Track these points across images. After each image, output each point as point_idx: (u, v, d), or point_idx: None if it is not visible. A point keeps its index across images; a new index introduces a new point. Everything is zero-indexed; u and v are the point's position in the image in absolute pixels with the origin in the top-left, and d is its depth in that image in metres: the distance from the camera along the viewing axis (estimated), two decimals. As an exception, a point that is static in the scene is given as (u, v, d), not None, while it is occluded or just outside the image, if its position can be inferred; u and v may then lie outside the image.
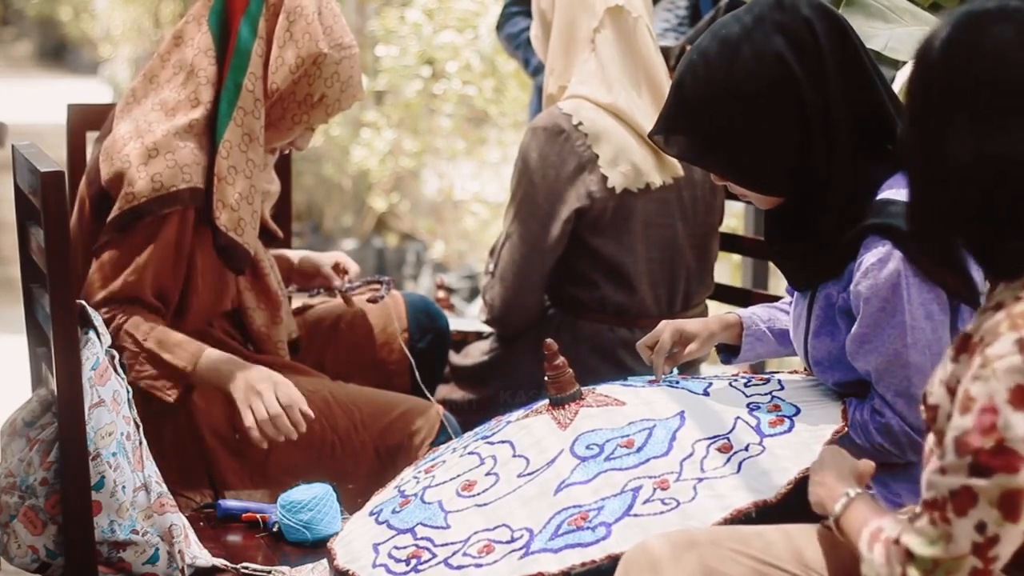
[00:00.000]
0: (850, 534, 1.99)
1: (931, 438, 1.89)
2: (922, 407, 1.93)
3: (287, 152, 3.19)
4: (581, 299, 3.20)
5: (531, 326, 3.22)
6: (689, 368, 3.22)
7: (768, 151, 2.40)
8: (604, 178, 3.11)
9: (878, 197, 2.40)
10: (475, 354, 3.36)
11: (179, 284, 2.94)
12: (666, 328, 2.66)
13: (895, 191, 2.39)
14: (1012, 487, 1.76)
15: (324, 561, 2.56)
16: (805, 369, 2.63)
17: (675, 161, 3.18)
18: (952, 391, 1.85)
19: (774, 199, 2.49)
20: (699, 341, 2.67)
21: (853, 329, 2.40)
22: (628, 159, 3.13)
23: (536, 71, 4.30)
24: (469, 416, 3.18)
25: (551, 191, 3.12)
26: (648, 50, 3.19)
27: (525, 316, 3.23)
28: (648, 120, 3.14)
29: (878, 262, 2.35)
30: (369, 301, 3.23)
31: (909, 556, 1.82)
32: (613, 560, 2.18)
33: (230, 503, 2.85)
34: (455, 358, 3.39)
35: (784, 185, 2.44)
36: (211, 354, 2.88)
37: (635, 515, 2.26)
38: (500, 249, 3.22)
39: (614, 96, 3.13)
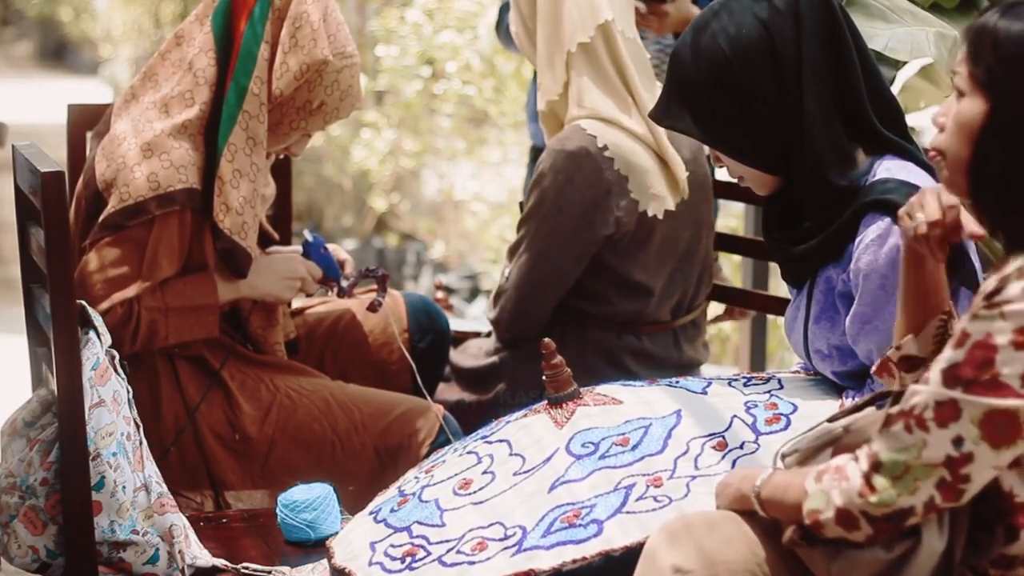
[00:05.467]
0: (775, 492, 1.95)
1: None
2: None
3: (282, 157, 3.18)
4: (589, 312, 3.17)
5: (536, 335, 3.18)
6: (690, 371, 3.22)
7: (751, 113, 2.43)
8: (632, 203, 3.06)
9: (875, 178, 2.41)
10: (476, 354, 3.35)
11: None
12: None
13: (889, 171, 2.40)
14: (998, 408, 1.75)
15: (324, 561, 2.56)
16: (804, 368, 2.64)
17: (685, 181, 3.14)
18: None
19: (770, 181, 2.50)
20: None
21: (853, 308, 2.40)
22: (653, 183, 3.08)
23: None
24: (469, 416, 3.17)
25: (575, 214, 3.05)
26: (630, 58, 3.13)
27: (532, 327, 3.19)
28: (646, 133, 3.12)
29: (878, 237, 2.35)
30: (368, 309, 3.22)
31: (877, 463, 1.80)
32: (605, 556, 2.20)
33: None
34: (456, 358, 3.37)
35: (773, 157, 2.45)
36: (222, 282, 2.97)
37: (628, 512, 2.26)
38: (517, 261, 3.17)
39: (626, 115, 3.08)
